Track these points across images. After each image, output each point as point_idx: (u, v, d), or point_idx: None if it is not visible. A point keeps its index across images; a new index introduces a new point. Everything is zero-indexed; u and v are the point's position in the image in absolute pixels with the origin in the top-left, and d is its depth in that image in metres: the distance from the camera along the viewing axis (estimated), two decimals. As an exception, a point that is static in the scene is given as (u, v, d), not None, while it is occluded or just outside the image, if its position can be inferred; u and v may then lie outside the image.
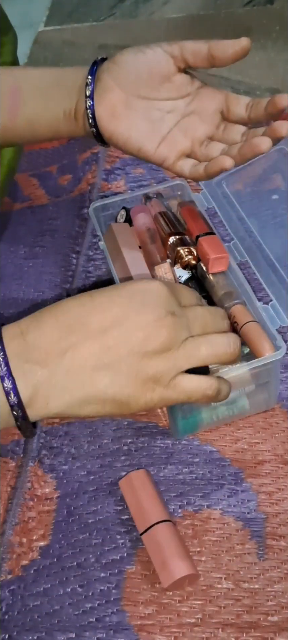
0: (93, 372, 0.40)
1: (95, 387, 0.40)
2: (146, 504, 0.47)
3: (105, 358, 0.40)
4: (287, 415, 0.54)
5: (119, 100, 0.50)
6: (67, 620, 0.45)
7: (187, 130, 0.50)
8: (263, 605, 0.44)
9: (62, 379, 0.39)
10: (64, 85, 0.52)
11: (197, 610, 0.44)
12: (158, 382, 0.41)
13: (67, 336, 0.40)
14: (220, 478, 0.50)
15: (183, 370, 0.42)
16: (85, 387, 0.40)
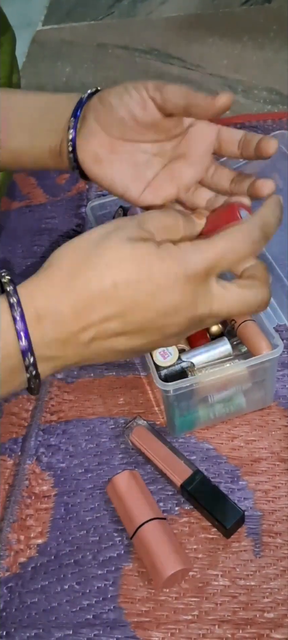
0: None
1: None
2: (131, 506, 0.47)
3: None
4: (283, 413, 0.54)
5: (103, 144, 0.48)
6: (64, 617, 0.45)
7: (174, 175, 0.48)
8: (260, 602, 0.44)
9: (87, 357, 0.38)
10: (50, 120, 0.50)
11: (193, 607, 0.44)
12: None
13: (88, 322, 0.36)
14: (217, 476, 0.51)
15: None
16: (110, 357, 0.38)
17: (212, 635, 0.43)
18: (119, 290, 0.36)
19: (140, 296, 0.36)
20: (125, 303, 0.36)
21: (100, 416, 0.56)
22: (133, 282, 0.36)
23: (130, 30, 1.12)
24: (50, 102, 0.52)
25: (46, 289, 0.36)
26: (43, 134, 0.51)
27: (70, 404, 0.57)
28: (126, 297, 0.36)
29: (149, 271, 0.36)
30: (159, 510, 0.48)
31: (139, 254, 0.36)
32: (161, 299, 0.36)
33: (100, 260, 0.36)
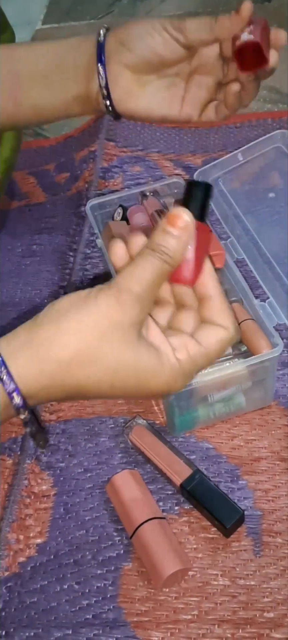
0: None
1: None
2: (130, 506, 0.47)
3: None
4: (283, 412, 0.54)
5: (133, 81, 0.51)
6: (63, 617, 0.45)
7: (201, 83, 0.52)
8: (259, 601, 0.44)
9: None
10: (67, 68, 0.52)
11: (193, 606, 0.44)
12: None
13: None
14: (217, 475, 0.50)
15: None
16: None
17: (211, 635, 0.43)
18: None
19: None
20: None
21: (99, 415, 0.55)
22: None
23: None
24: (62, 50, 0.53)
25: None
26: (63, 83, 0.52)
27: (70, 403, 0.57)
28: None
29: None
30: (159, 509, 0.48)
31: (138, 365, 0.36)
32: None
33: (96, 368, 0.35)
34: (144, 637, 0.43)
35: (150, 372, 0.36)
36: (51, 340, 0.35)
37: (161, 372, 0.36)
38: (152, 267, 0.36)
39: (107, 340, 0.35)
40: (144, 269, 0.35)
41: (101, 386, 0.36)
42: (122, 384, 0.36)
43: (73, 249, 0.69)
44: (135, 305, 0.35)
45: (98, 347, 0.35)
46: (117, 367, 0.35)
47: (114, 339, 0.35)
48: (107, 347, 0.35)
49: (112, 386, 0.36)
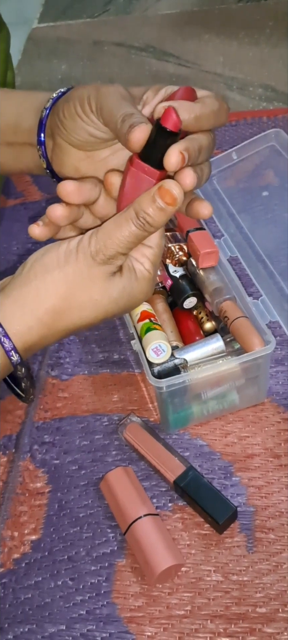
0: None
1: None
2: (124, 503, 0.47)
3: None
4: (276, 410, 0.54)
5: (79, 159, 0.45)
6: (57, 613, 0.45)
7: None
8: (252, 597, 0.44)
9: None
10: (22, 128, 0.48)
11: (186, 602, 0.45)
12: None
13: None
14: (210, 472, 0.51)
15: None
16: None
17: (204, 630, 0.43)
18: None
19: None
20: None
21: (94, 413, 0.56)
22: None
23: (126, 27, 1.12)
24: (18, 110, 0.49)
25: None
26: (21, 155, 0.49)
27: (65, 401, 0.57)
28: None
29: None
30: (152, 506, 0.48)
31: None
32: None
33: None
34: (137, 632, 0.44)
35: (130, 292, 0.42)
36: (41, 294, 0.40)
37: (141, 287, 0.42)
38: (132, 233, 0.40)
39: (92, 284, 0.40)
40: (122, 233, 0.40)
41: (95, 320, 0.42)
42: (113, 310, 0.42)
43: (68, 248, 0.70)
44: (112, 262, 0.41)
45: (85, 291, 0.41)
46: (105, 303, 0.41)
47: (99, 282, 0.41)
48: (94, 290, 0.41)
49: (106, 312, 0.42)
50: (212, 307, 0.56)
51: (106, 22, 1.14)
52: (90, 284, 0.41)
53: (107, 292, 0.41)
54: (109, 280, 0.41)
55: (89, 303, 0.41)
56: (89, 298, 0.41)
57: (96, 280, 0.41)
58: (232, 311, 0.54)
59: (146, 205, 0.39)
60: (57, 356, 0.60)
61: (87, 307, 0.41)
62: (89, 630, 0.44)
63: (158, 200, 0.39)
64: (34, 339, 0.41)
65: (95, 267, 0.40)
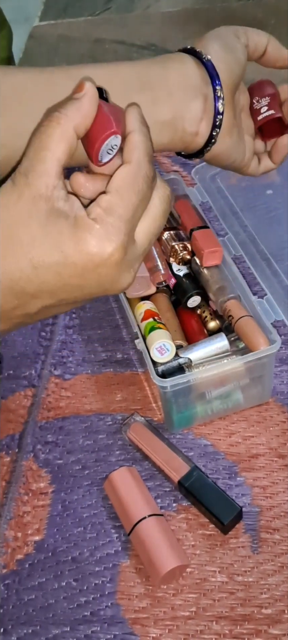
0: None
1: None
2: (128, 503, 0.47)
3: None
4: (281, 409, 0.54)
5: (232, 112, 0.47)
6: (61, 614, 0.45)
7: (248, 127, 0.51)
8: (257, 598, 0.44)
9: None
10: (152, 86, 0.44)
11: (191, 603, 0.44)
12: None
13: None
14: (215, 472, 0.50)
15: None
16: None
17: (209, 632, 0.43)
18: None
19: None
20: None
21: (97, 413, 0.55)
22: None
23: (128, 25, 1.11)
24: (140, 66, 0.45)
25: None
26: (145, 105, 0.41)
27: (68, 400, 0.57)
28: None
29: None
30: (156, 506, 0.48)
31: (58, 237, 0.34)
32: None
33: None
34: (142, 634, 0.43)
35: (68, 244, 0.34)
36: None
37: (80, 238, 0.34)
38: (45, 135, 0.34)
39: (23, 221, 0.34)
40: (35, 145, 0.34)
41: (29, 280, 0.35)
42: (44, 267, 0.34)
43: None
44: (40, 179, 0.34)
45: (18, 230, 0.34)
46: (33, 250, 0.34)
47: (29, 217, 0.34)
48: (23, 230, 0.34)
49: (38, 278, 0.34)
50: (216, 306, 0.55)
51: (107, 20, 1.14)
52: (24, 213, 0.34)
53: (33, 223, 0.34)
54: (43, 209, 0.34)
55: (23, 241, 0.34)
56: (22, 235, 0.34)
57: (29, 207, 0.34)
58: (236, 310, 0.53)
59: (64, 104, 0.35)
60: (59, 355, 0.60)
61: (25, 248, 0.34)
62: (93, 631, 0.44)
63: (76, 95, 0.35)
64: None
65: (26, 191, 0.34)
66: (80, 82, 0.36)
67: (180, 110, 0.44)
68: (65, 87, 0.39)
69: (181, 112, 0.44)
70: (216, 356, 0.53)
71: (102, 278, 0.35)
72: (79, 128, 0.35)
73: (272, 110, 0.51)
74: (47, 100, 0.39)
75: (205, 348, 0.53)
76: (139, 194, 0.36)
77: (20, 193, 0.34)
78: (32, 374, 0.59)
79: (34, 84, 0.44)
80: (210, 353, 0.53)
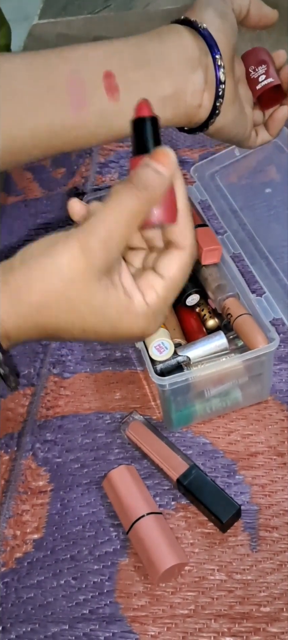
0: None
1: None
2: (127, 501, 0.47)
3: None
4: (280, 407, 0.54)
5: (233, 81, 0.46)
6: (60, 612, 0.45)
7: (247, 99, 0.50)
8: (256, 596, 0.44)
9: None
10: (151, 62, 0.43)
11: (189, 601, 0.44)
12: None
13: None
14: (213, 470, 0.50)
15: None
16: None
17: (208, 630, 0.43)
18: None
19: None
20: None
21: (96, 411, 0.55)
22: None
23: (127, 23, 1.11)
24: (137, 43, 0.43)
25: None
26: (144, 82, 0.42)
27: (67, 399, 0.57)
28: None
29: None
30: (155, 504, 0.48)
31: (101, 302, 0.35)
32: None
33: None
34: (141, 632, 0.43)
35: (119, 317, 0.36)
36: (23, 285, 0.35)
37: (132, 317, 0.36)
38: (125, 208, 0.35)
39: (72, 286, 0.35)
40: (115, 212, 0.34)
41: (73, 330, 0.36)
42: (93, 328, 0.36)
43: (70, 245, 0.69)
44: (100, 252, 0.34)
45: (63, 293, 0.35)
46: (85, 312, 0.35)
47: (79, 285, 0.35)
48: (72, 292, 0.35)
49: (84, 330, 0.36)
50: (215, 304, 0.55)
51: (107, 18, 1.13)
52: (74, 280, 0.35)
53: (89, 294, 0.35)
54: (95, 282, 0.35)
55: (71, 303, 0.35)
56: (72, 298, 0.35)
57: (82, 278, 0.35)
58: (235, 308, 0.53)
59: (140, 173, 0.35)
60: (58, 354, 0.60)
61: (69, 308, 0.36)
62: (92, 629, 0.44)
63: (154, 165, 0.35)
64: (11, 329, 0.36)
65: (81, 259, 0.34)
66: (161, 152, 0.36)
67: (181, 84, 0.43)
68: (62, 70, 0.41)
69: (182, 86, 0.43)
70: (215, 354, 0.53)
71: (133, 341, 0.40)
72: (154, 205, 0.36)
73: (271, 78, 0.49)
74: (44, 85, 0.39)
75: (204, 346, 0.53)
76: (184, 280, 0.38)
77: (87, 260, 0.34)
78: (31, 372, 0.59)
79: (30, 69, 0.43)
80: (209, 351, 0.53)
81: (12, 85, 0.42)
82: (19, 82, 0.43)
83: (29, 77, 0.43)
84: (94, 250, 0.34)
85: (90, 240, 0.34)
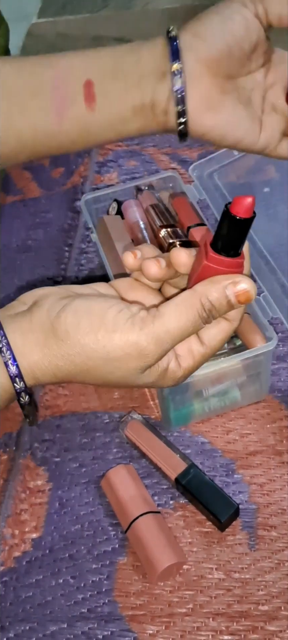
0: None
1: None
2: (125, 500, 0.47)
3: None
4: (278, 406, 0.54)
5: (213, 86, 0.42)
6: (59, 611, 0.45)
7: (276, 106, 0.44)
8: (254, 595, 0.44)
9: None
10: (126, 74, 0.43)
11: (188, 600, 0.44)
12: None
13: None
14: (212, 469, 0.51)
15: None
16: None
17: (206, 628, 0.43)
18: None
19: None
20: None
21: (94, 411, 0.55)
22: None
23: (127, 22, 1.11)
24: (113, 55, 0.44)
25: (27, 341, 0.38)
26: (120, 92, 0.43)
27: (65, 398, 0.57)
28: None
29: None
30: (154, 504, 0.48)
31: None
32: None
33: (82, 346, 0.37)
34: (139, 630, 0.43)
35: (151, 383, 0.38)
36: (74, 354, 0.37)
37: (162, 381, 0.39)
38: (192, 325, 0.37)
39: (117, 366, 0.37)
40: (181, 324, 0.36)
41: (113, 383, 0.39)
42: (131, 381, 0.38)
43: (68, 244, 0.69)
44: (155, 354, 0.37)
45: (105, 368, 0.37)
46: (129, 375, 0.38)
47: (123, 367, 0.37)
48: (114, 373, 0.37)
49: (125, 381, 0.38)
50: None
51: (106, 17, 1.13)
52: (127, 359, 0.37)
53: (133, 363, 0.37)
54: (138, 374, 0.38)
55: (118, 373, 0.38)
56: (120, 370, 0.37)
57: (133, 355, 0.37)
58: (233, 308, 0.53)
59: (215, 299, 0.36)
60: (57, 353, 0.60)
61: (114, 375, 0.38)
62: (91, 628, 0.44)
63: (230, 297, 0.36)
64: (47, 378, 0.38)
65: (140, 355, 0.37)
66: (245, 291, 0.37)
67: (149, 93, 0.43)
68: (47, 77, 0.42)
69: (150, 95, 0.43)
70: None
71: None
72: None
73: None
74: (29, 91, 0.42)
75: (202, 346, 0.53)
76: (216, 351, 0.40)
77: (140, 357, 0.37)
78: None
79: (17, 75, 0.44)
80: (207, 350, 0.53)
81: (0, 90, 0.43)
82: (7, 87, 0.44)
83: (16, 82, 0.44)
84: (150, 353, 0.36)
85: (150, 345, 0.36)
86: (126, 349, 0.36)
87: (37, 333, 0.37)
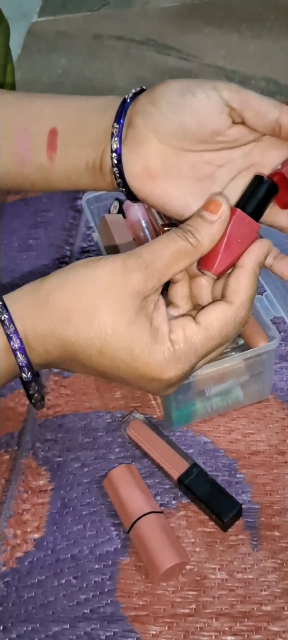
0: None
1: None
2: (127, 500, 0.47)
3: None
4: (281, 406, 0.54)
5: (157, 155, 0.40)
6: (61, 612, 0.45)
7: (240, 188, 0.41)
8: (257, 595, 0.44)
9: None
10: (85, 131, 0.43)
11: (190, 600, 0.44)
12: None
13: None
14: (214, 469, 0.50)
15: None
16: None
17: (209, 629, 0.43)
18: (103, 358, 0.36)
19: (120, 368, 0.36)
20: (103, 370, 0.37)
21: (96, 410, 0.55)
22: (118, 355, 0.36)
23: (126, 20, 1.11)
24: (88, 105, 0.44)
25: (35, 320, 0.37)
26: (78, 148, 0.43)
27: (67, 398, 0.57)
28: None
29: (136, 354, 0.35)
30: (156, 503, 0.48)
31: (133, 333, 0.35)
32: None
33: (98, 321, 0.36)
34: (142, 631, 0.43)
35: (139, 348, 0.35)
36: (52, 292, 0.36)
37: (152, 350, 0.35)
38: (173, 243, 0.36)
39: (102, 300, 0.35)
40: (161, 243, 0.36)
41: (90, 350, 0.36)
42: (110, 352, 0.35)
43: (69, 243, 0.69)
44: (140, 272, 0.35)
45: (93, 306, 0.35)
46: (107, 331, 0.35)
47: (111, 301, 0.35)
48: (101, 308, 0.35)
49: (101, 352, 0.36)
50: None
51: (106, 16, 1.13)
52: (106, 294, 0.35)
53: (118, 310, 0.35)
54: (126, 299, 0.35)
55: (98, 319, 0.35)
56: (99, 312, 0.35)
57: (116, 294, 0.35)
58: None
59: (190, 220, 0.38)
60: (59, 353, 0.60)
61: (94, 323, 0.36)
62: (93, 629, 0.44)
63: (203, 213, 0.37)
64: (34, 337, 0.37)
65: (120, 274, 0.35)
66: (213, 200, 0.37)
67: (99, 153, 0.43)
68: (17, 121, 0.44)
69: (100, 154, 0.43)
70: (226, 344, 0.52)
71: (151, 387, 0.37)
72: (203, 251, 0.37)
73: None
74: (2, 134, 0.44)
75: (205, 345, 0.53)
76: (223, 338, 0.37)
77: (126, 274, 0.35)
78: (31, 371, 0.59)
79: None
80: (210, 350, 0.53)
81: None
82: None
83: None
84: (135, 269, 0.35)
85: (133, 260, 0.35)
86: (110, 274, 0.36)
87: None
